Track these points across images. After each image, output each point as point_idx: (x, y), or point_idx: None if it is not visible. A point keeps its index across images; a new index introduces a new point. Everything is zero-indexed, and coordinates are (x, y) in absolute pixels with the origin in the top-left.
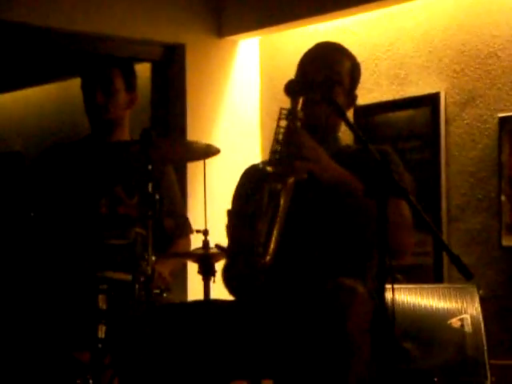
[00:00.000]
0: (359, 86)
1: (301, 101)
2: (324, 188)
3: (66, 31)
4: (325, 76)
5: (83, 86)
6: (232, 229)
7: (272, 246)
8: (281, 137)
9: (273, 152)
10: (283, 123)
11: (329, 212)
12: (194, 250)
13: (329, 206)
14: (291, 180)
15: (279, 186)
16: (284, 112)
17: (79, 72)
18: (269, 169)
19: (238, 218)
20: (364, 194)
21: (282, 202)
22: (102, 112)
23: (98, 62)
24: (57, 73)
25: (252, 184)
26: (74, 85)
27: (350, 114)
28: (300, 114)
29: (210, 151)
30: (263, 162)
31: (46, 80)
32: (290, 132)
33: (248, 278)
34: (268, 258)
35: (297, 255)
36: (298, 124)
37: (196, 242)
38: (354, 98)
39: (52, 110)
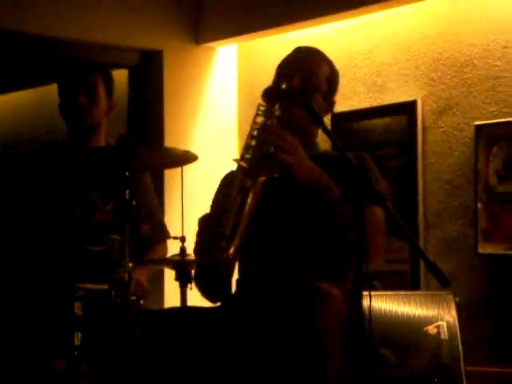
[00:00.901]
0: (337, 92)
1: (277, 106)
2: (300, 187)
3: (43, 36)
4: (302, 80)
5: (63, 91)
6: (199, 225)
7: (236, 241)
8: (256, 132)
9: (246, 147)
10: (260, 119)
11: (305, 214)
12: (170, 257)
13: (305, 208)
14: (262, 178)
15: (249, 183)
16: (261, 108)
17: (57, 77)
18: (241, 164)
19: (206, 216)
20: (341, 200)
21: (249, 198)
22: (84, 116)
23: (81, 67)
24: (33, 78)
25: (225, 186)
26: (50, 90)
27: (327, 120)
28: (277, 112)
29: (187, 158)
30: (235, 159)
31: (22, 86)
32: (265, 128)
33: (211, 271)
34: (231, 251)
35: (272, 258)
36: (275, 121)
37: (173, 248)
38: (331, 103)
39: (28, 115)
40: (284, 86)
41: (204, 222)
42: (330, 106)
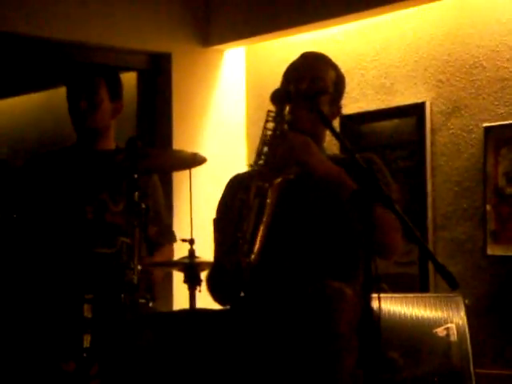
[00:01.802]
0: (345, 95)
1: (287, 107)
2: (318, 186)
3: (52, 40)
4: (310, 84)
5: (68, 95)
6: (217, 232)
7: (257, 244)
8: (268, 138)
9: (259, 154)
10: (270, 125)
11: (319, 213)
12: (179, 259)
13: (320, 207)
14: (278, 180)
15: (266, 185)
16: (271, 114)
17: (64, 81)
18: (256, 169)
19: (223, 220)
20: (350, 203)
21: (268, 200)
22: (85, 121)
23: (83, 71)
24: (42, 82)
25: (232, 196)
26: (59, 94)
27: (336, 123)
28: (288, 117)
29: (196, 160)
30: (250, 164)
31: (31, 89)
32: (277, 133)
33: (234, 277)
34: (253, 256)
35: (285, 258)
36: (285, 126)
37: (182, 251)
38: (338, 107)
39: (37, 118)
40: (292, 89)
41: (222, 228)
42: (337, 110)
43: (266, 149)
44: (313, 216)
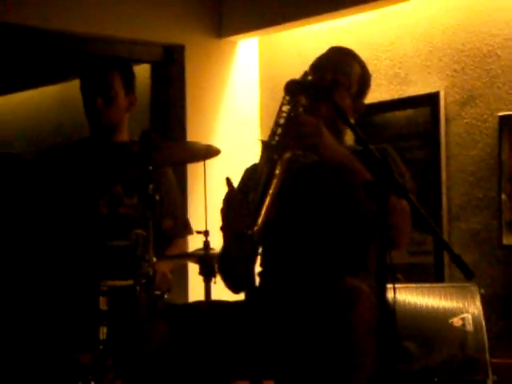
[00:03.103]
0: (367, 95)
1: (302, 100)
2: (327, 173)
3: (66, 32)
4: (333, 76)
5: (82, 89)
6: (224, 202)
7: (262, 217)
8: (282, 120)
9: (272, 134)
10: (285, 108)
11: (329, 206)
12: (194, 251)
13: (329, 200)
14: (288, 154)
15: (275, 156)
16: (287, 98)
17: (78, 74)
18: (267, 142)
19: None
20: (365, 195)
21: (276, 172)
22: (101, 117)
23: (97, 65)
24: (56, 74)
25: (246, 186)
26: (73, 86)
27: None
28: (303, 101)
29: (210, 152)
30: (262, 140)
31: (45, 82)
32: (291, 115)
33: (235, 247)
34: (256, 228)
35: (296, 250)
36: (301, 109)
37: (197, 242)
38: (361, 105)
39: (52, 111)
40: (307, 79)
41: (229, 197)
42: (359, 107)
43: (279, 130)
44: (325, 202)
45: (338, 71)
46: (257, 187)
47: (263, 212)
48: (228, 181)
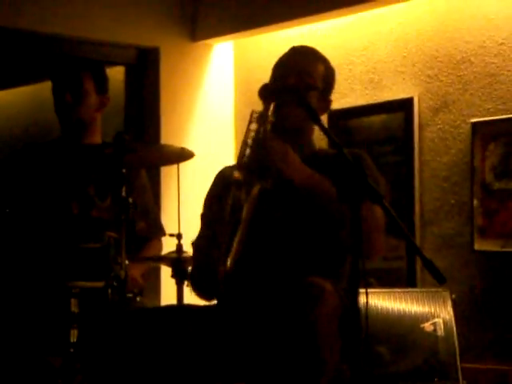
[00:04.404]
0: (333, 90)
1: (272, 106)
2: (295, 193)
3: (39, 34)
4: (297, 79)
5: (53, 88)
6: (203, 225)
7: (232, 256)
8: (250, 141)
9: (241, 156)
10: (253, 126)
11: (300, 216)
12: (167, 254)
13: (300, 211)
14: (256, 190)
15: (243, 196)
16: (255, 115)
17: (50, 75)
18: (235, 175)
19: (208, 215)
20: (338, 199)
21: (244, 213)
22: (70, 113)
23: (68, 65)
24: (29, 75)
25: (219, 189)
26: (45, 88)
27: (324, 118)
28: (271, 118)
29: (184, 155)
30: (231, 167)
31: (18, 83)
32: (259, 135)
33: (209, 283)
34: (228, 264)
35: (265, 255)
36: (268, 127)
37: (170, 245)
38: (328, 102)
39: (24, 112)
40: (280, 83)
41: (200, 236)
42: (327, 104)
43: (247, 150)
44: (292, 213)
45: (302, 72)
46: (225, 224)
47: (234, 249)
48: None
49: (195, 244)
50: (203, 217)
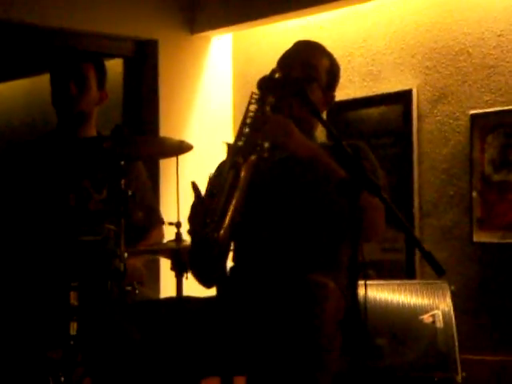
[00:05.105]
0: (337, 87)
1: (270, 98)
2: (294, 175)
3: (37, 26)
4: (301, 72)
5: (54, 79)
6: (191, 207)
7: (226, 221)
8: (249, 120)
9: (239, 135)
10: (253, 107)
11: (300, 202)
12: (166, 243)
13: (300, 196)
14: (253, 157)
15: (240, 160)
16: (255, 96)
17: (49, 65)
18: (232, 145)
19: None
20: (336, 191)
21: (241, 176)
22: (73, 104)
23: (71, 55)
24: (25, 68)
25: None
26: (43, 80)
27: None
28: (270, 99)
29: (182, 147)
30: (227, 143)
31: (15, 76)
32: (258, 114)
33: (202, 251)
34: (221, 232)
35: (266, 246)
36: (268, 108)
37: (169, 234)
38: (331, 97)
39: (22, 105)
40: (278, 75)
41: (195, 203)
42: (330, 99)
43: (246, 130)
44: (296, 198)
45: (306, 66)
46: (222, 191)
47: (228, 217)
48: (194, 185)
49: (190, 211)
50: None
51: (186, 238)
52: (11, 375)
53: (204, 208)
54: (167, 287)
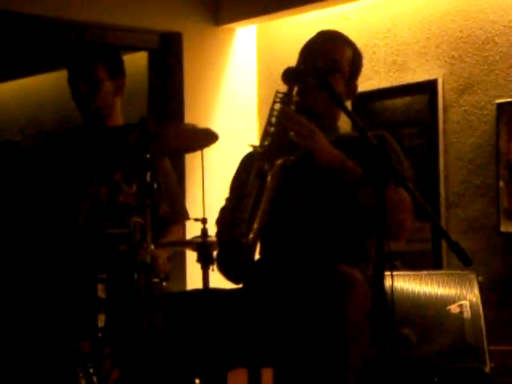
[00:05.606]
0: (359, 77)
1: (296, 88)
2: (321, 171)
3: (63, 20)
4: (324, 63)
5: (68, 78)
6: (219, 213)
7: (255, 225)
8: (274, 119)
9: (265, 134)
10: (277, 106)
11: (326, 196)
12: (192, 239)
13: (326, 190)
14: (279, 161)
15: (266, 166)
16: (279, 95)
17: (66, 64)
18: (259, 149)
19: (226, 200)
20: (362, 182)
21: (268, 181)
22: (87, 103)
23: (79, 54)
24: (53, 62)
25: (246, 167)
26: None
27: (348, 101)
28: (295, 98)
29: (208, 136)
30: (252, 145)
31: (44, 69)
32: (283, 114)
33: (232, 256)
34: (251, 236)
35: (294, 239)
36: (293, 107)
37: (195, 230)
38: (354, 87)
39: (51, 99)
40: (303, 67)
41: (223, 208)
42: (353, 89)
43: (272, 129)
44: (319, 196)
45: (329, 57)
46: (249, 196)
47: (257, 221)
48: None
49: (219, 215)
50: (230, 190)
51: (212, 234)
52: (41, 367)
53: (232, 213)
54: (193, 279)
